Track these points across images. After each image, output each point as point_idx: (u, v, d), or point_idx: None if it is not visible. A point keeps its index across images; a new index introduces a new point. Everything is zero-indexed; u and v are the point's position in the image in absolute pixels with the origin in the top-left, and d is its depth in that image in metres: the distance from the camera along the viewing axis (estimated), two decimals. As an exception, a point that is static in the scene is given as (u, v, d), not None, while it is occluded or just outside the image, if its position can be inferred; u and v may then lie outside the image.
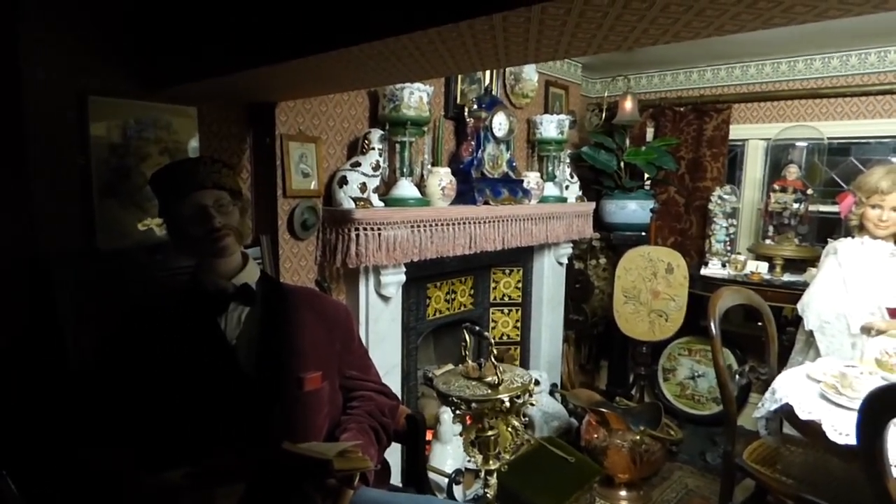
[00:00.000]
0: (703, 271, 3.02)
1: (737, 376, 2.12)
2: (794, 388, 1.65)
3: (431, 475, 2.24)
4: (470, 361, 1.48)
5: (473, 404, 1.33)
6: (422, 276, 2.47)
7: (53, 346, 1.42)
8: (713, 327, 1.88)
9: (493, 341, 1.46)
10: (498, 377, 1.35)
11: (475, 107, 2.46)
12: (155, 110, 1.67)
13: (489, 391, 1.36)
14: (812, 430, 1.49)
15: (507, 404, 1.33)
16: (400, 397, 2.40)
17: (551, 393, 3.07)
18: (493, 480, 1.47)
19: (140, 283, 1.59)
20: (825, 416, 1.47)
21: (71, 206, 1.51)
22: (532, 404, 1.43)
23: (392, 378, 2.25)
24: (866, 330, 2.07)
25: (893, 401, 1.15)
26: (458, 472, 2.28)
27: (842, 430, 1.41)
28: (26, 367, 1.41)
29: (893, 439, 1.27)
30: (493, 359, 1.37)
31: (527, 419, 1.51)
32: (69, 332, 1.42)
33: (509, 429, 1.40)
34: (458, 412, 1.38)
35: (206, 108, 1.74)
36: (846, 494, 1.68)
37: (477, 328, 1.47)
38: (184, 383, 1.24)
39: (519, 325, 3.10)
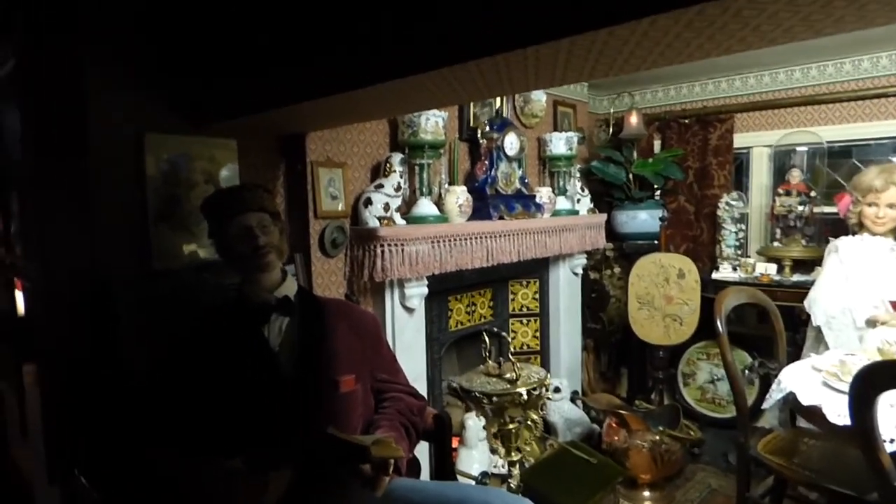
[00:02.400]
0: (715, 275, 3.12)
1: (747, 371, 2.21)
2: (798, 377, 1.75)
3: (459, 479, 2.35)
4: (490, 361, 1.61)
5: (494, 398, 1.46)
6: (443, 289, 2.61)
7: (117, 357, 1.58)
8: (720, 325, 1.99)
9: (510, 340, 1.59)
10: (516, 373, 1.48)
11: (487, 129, 2.63)
12: (200, 144, 1.85)
13: (508, 386, 1.49)
14: (814, 415, 1.59)
15: (525, 397, 1.45)
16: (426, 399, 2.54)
17: (572, 400, 3.16)
18: (516, 472, 1.59)
19: (191, 299, 1.76)
20: (826, 401, 1.56)
21: (130, 232, 1.69)
22: (549, 398, 1.55)
23: (419, 386, 2.36)
24: (871, 323, 2.15)
25: (880, 377, 1.25)
26: (483, 474, 2.38)
27: (841, 412, 1.50)
28: (95, 377, 1.58)
29: (883, 415, 1.37)
30: (510, 356, 1.50)
31: (544, 413, 1.62)
32: (131, 345, 1.59)
33: (529, 422, 1.52)
34: (481, 407, 1.51)
35: (244, 139, 1.92)
36: (864, 482, 1.75)
37: (495, 329, 1.60)
38: (235, 386, 1.39)
39: (538, 334, 3.22)
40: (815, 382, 1.71)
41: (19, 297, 2.23)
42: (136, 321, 1.61)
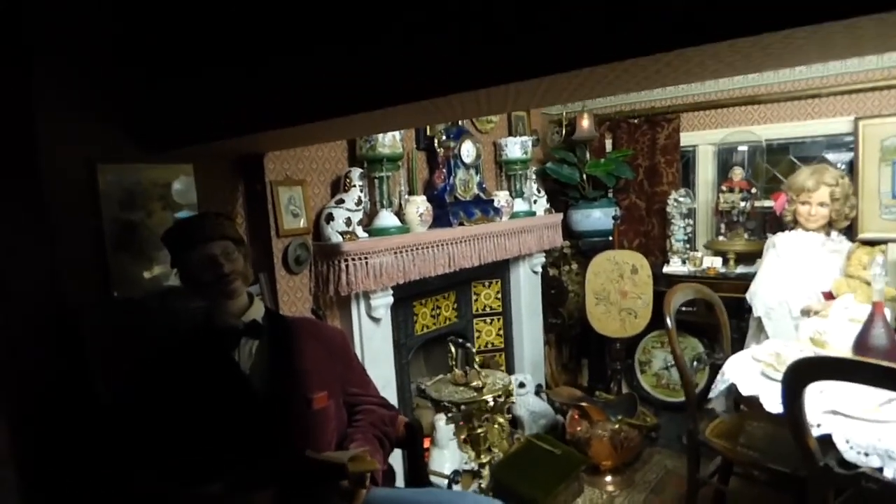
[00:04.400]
0: (666, 269, 3.28)
1: (697, 362, 2.36)
2: (739, 369, 1.90)
3: (432, 478, 2.43)
4: (457, 370, 1.69)
5: (462, 406, 1.54)
6: (408, 295, 2.67)
7: (86, 385, 1.59)
8: (669, 321, 2.13)
9: (474, 351, 1.67)
10: (481, 381, 1.56)
11: (444, 137, 2.69)
12: (156, 170, 1.85)
13: (475, 394, 1.57)
14: (753, 404, 1.73)
15: (492, 404, 1.54)
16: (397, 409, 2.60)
17: (537, 393, 3.28)
18: (486, 472, 1.67)
19: (154, 326, 1.77)
20: (762, 391, 1.71)
21: (88, 261, 1.68)
22: (513, 402, 1.64)
23: (388, 392, 2.45)
24: (805, 312, 2.33)
25: (807, 371, 1.39)
26: (455, 472, 2.46)
27: (777, 401, 1.64)
28: (63, 408, 1.58)
29: (812, 402, 1.52)
30: (476, 366, 1.58)
31: (510, 416, 1.71)
32: (100, 373, 1.59)
33: (496, 426, 1.61)
34: (450, 415, 1.59)
35: (200, 163, 1.93)
36: (798, 461, 1.91)
37: (460, 340, 1.68)
38: (209, 410, 1.42)
39: (502, 332, 3.32)
40: (755, 373, 1.85)
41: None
42: (103, 349, 1.62)
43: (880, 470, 1.37)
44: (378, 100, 1.16)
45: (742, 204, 3.09)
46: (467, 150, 2.72)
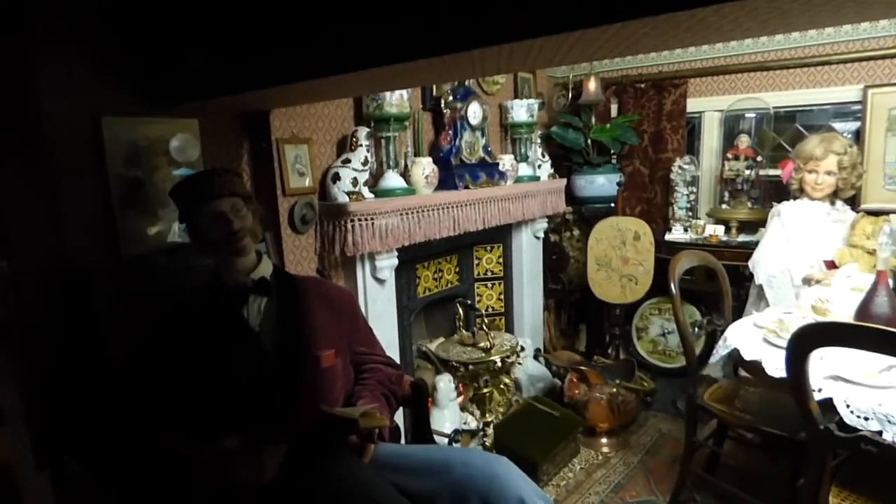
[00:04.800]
0: (668, 237, 3.29)
1: (696, 329, 2.39)
2: (741, 334, 1.92)
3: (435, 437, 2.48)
4: (464, 331, 1.71)
5: (471, 366, 1.55)
6: (411, 258, 2.67)
7: (96, 343, 1.59)
8: (673, 287, 2.14)
9: (482, 312, 1.68)
10: (489, 342, 1.58)
11: (451, 98, 2.65)
12: (161, 125, 1.82)
13: (483, 354, 1.59)
14: (755, 369, 1.76)
15: (499, 364, 1.56)
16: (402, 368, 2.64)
17: (535, 357, 3.33)
18: (490, 431, 1.71)
19: (163, 284, 1.77)
20: (765, 356, 1.73)
21: (95, 219, 1.67)
22: (520, 363, 1.67)
23: (391, 352, 2.46)
24: (807, 281, 2.35)
25: (812, 337, 1.41)
26: (455, 431, 2.52)
27: (779, 366, 1.67)
28: (76, 363, 1.59)
29: (814, 367, 1.54)
30: (485, 327, 1.59)
31: (515, 378, 1.74)
32: (110, 331, 1.60)
33: (501, 386, 1.64)
34: (458, 375, 1.61)
35: (206, 119, 1.90)
36: (794, 424, 1.96)
37: (469, 302, 1.69)
38: (220, 367, 1.43)
39: (502, 297, 3.34)
40: (757, 339, 1.88)
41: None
42: (112, 308, 1.62)
43: (879, 433, 1.40)
44: (387, 55, 1.13)
45: (747, 172, 3.08)
46: (474, 112, 2.68)
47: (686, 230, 3.30)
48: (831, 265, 2.36)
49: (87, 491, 1.56)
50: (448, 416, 2.63)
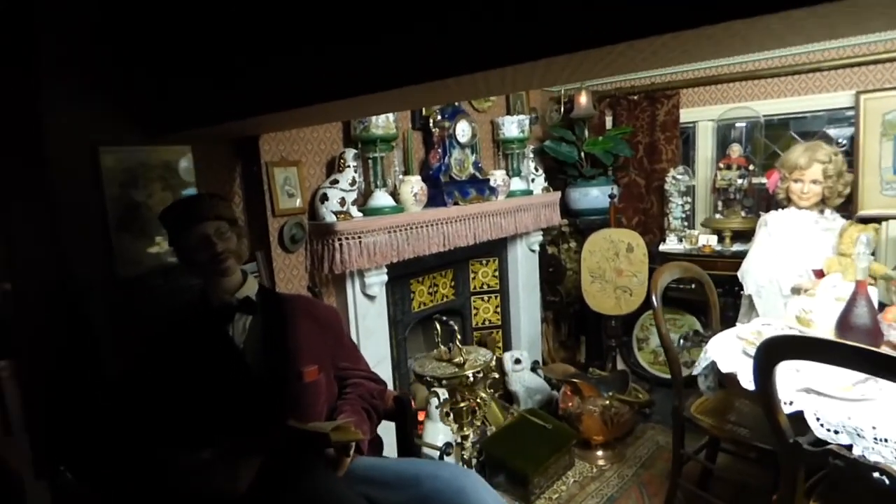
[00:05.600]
0: (662, 247, 3.30)
1: (681, 340, 2.40)
2: (721, 347, 1.94)
3: (425, 450, 2.53)
4: (442, 347, 1.76)
5: (444, 381, 1.60)
6: (405, 273, 2.73)
7: (92, 358, 1.68)
8: (655, 300, 2.16)
9: (455, 328, 1.73)
10: (463, 357, 1.63)
11: (439, 117, 2.71)
12: (156, 152, 1.90)
13: (456, 370, 1.63)
14: (731, 381, 1.77)
15: (472, 379, 1.60)
16: (392, 384, 2.69)
17: (533, 369, 3.35)
18: (468, 444, 1.75)
19: (156, 303, 1.85)
20: (740, 369, 1.75)
21: (93, 241, 1.75)
22: (495, 377, 1.71)
23: (383, 367, 2.53)
24: (796, 291, 2.35)
25: (777, 349, 1.42)
26: (447, 444, 2.56)
27: (752, 378, 1.68)
28: (71, 377, 1.67)
29: (787, 380, 1.56)
30: (457, 343, 1.64)
31: (500, 392, 1.78)
32: (105, 347, 1.68)
33: (478, 400, 1.68)
34: (432, 390, 1.66)
35: (198, 144, 1.98)
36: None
37: (444, 318, 1.74)
38: (205, 383, 1.51)
39: (499, 310, 3.39)
40: (737, 351, 1.89)
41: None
42: (107, 324, 1.70)
43: (849, 448, 1.41)
44: (371, 84, 1.16)
45: (739, 181, 3.08)
46: (462, 130, 2.75)
47: (680, 240, 3.31)
48: (821, 274, 2.36)
49: (82, 500, 1.64)
50: (442, 428, 2.66)
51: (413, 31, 1.06)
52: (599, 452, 2.84)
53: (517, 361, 3.20)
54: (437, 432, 2.63)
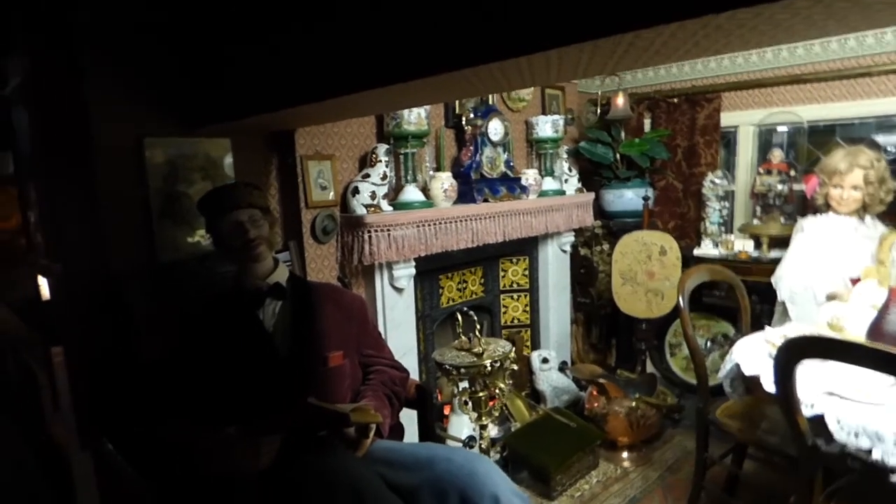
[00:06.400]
0: (696, 252, 3.25)
1: (708, 343, 2.37)
2: (747, 350, 1.91)
3: (449, 442, 2.57)
4: (463, 337, 1.80)
5: (462, 370, 1.64)
6: (434, 268, 2.78)
7: (133, 339, 1.79)
8: (681, 302, 2.14)
9: (475, 318, 1.77)
10: (482, 348, 1.66)
11: (472, 116, 2.76)
12: (196, 144, 2.01)
13: (475, 359, 1.67)
14: (755, 384, 1.75)
15: (489, 368, 1.64)
16: (418, 376, 2.74)
17: (561, 369, 3.35)
18: (486, 433, 1.78)
19: (194, 287, 1.96)
20: (764, 371, 1.72)
21: (136, 228, 1.86)
22: (514, 369, 1.74)
23: (409, 359, 2.58)
24: (831, 298, 2.28)
25: (797, 350, 1.41)
26: (470, 437, 2.59)
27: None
28: (115, 358, 1.79)
29: (810, 383, 1.53)
30: (477, 332, 1.68)
31: (511, 383, 1.81)
32: (145, 329, 1.79)
33: (496, 390, 1.71)
34: (450, 378, 1.70)
35: (237, 137, 2.09)
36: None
37: (465, 309, 1.78)
38: (235, 364, 1.59)
39: (528, 309, 3.40)
40: (762, 354, 1.86)
41: (43, 283, 2.45)
42: (147, 308, 1.81)
43: (869, 452, 1.38)
44: (400, 73, 1.19)
45: (779, 187, 3.00)
46: (494, 129, 2.78)
47: (716, 245, 3.24)
48: (858, 283, 2.28)
49: (122, 469, 1.75)
50: (466, 422, 2.70)
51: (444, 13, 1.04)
52: (625, 454, 2.82)
53: (545, 361, 3.21)
54: (462, 425, 2.66)
